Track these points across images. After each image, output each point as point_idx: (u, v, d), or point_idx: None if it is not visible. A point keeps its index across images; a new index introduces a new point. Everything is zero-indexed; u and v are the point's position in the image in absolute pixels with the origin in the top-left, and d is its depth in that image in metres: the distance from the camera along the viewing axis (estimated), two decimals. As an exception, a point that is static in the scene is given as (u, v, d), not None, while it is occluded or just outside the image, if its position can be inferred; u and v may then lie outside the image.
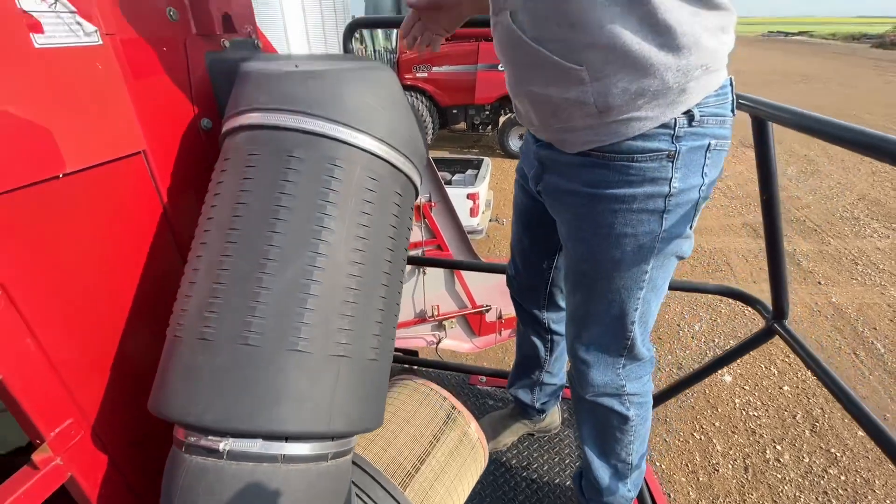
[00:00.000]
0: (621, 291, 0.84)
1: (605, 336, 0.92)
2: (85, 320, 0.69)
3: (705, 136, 0.72)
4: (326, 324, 0.61)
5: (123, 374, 0.76)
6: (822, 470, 2.63)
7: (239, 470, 0.57)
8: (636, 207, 0.75)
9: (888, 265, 4.56)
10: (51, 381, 0.65)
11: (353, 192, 0.65)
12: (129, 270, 0.76)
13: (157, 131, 0.77)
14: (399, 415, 1.02)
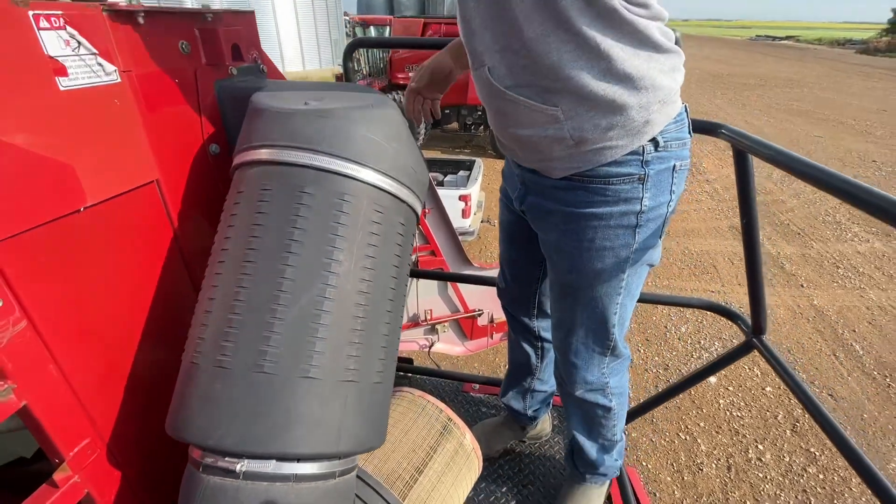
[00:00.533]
0: (603, 298, 0.93)
1: (591, 339, 1.01)
2: (101, 345, 0.72)
3: (670, 159, 0.82)
4: (336, 351, 0.65)
5: (136, 396, 0.79)
6: (802, 469, 2.73)
7: (254, 489, 0.61)
8: (613, 224, 0.84)
9: (867, 269, 4.70)
10: (70, 404, 0.68)
11: (361, 225, 0.69)
12: (142, 295, 0.79)
13: (168, 160, 0.80)
14: (398, 427, 1.06)
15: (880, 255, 4.93)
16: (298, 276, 0.64)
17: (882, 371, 3.42)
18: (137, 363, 0.78)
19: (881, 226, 5.51)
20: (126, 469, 0.79)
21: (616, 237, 0.85)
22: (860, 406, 3.14)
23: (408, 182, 0.77)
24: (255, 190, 0.69)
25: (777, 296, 4.34)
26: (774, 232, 5.45)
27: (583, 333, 1.01)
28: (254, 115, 0.75)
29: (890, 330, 3.83)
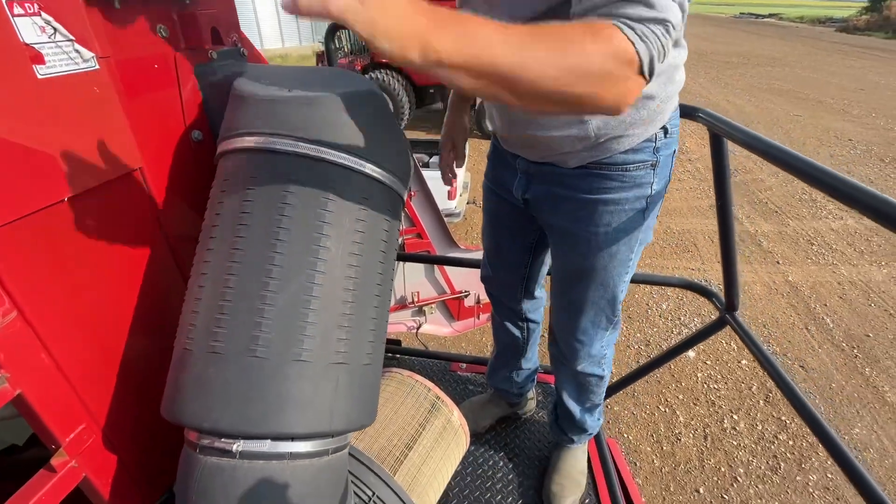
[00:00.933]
0: (614, 278, 1.00)
1: (600, 316, 1.08)
2: (92, 333, 0.73)
3: (673, 144, 0.90)
4: (326, 335, 0.67)
5: (129, 381, 0.80)
6: (773, 436, 2.87)
7: (251, 467, 0.64)
8: (627, 208, 0.90)
9: (840, 245, 4.86)
10: (64, 391, 0.69)
11: (348, 213, 0.70)
12: (130, 283, 0.80)
13: (151, 147, 0.80)
14: (388, 406, 1.10)
15: (852, 232, 5.10)
16: (287, 263, 0.66)
17: (850, 343, 3.58)
18: (128, 350, 0.79)
19: (854, 203, 5.67)
20: (122, 453, 0.81)
21: (630, 220, 0.91)
22: (829, 376, 3.30)
23: (393, 168, 0.78)
24: (242, 178, 0.69)
25: (754, 273, 4.48)
26: (753, 210, 5.58)
27: (593, 313, 1.06)
28: (237, 101, 0.75)
29: (859, 304, 4.00)
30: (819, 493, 2.52)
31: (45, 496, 0.68)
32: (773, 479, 2.60)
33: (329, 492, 0.71)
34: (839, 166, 6.89)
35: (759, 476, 2.62)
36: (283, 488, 0.65)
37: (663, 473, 2.68)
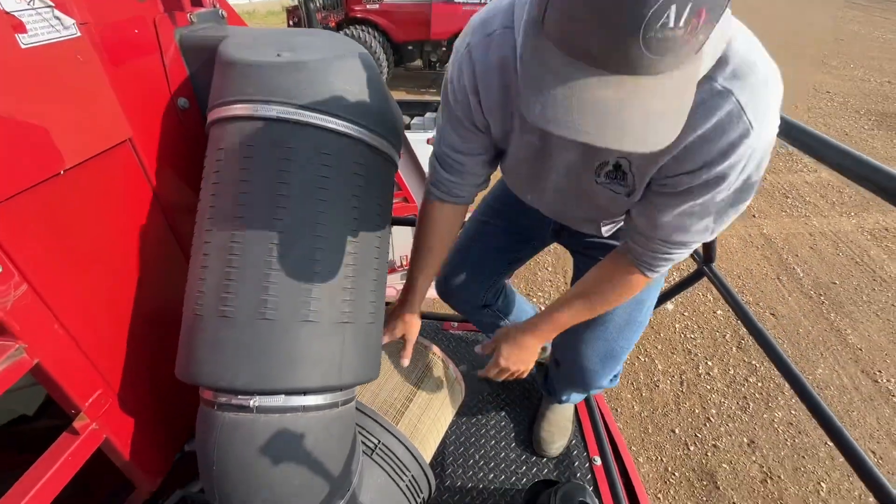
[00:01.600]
0: (649, 300, 1.11)
1: (635, 336, 1.13)
2: (100, 302, 0.75)
3: None
4: (331, 296, 0.71)
5: (139, 347, 0.83)
6: (744, 379, 3.08)
7: (268, 420, 0.69)
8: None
9: (813, 197, 5.02)
10: (78, 359, 0.72)
11: (345, 178, 0.72)
12: (131, 253, 0.81)
13: (139, 117, 0.79)
14: (387, 363, 1.15)
15: (825, 185, 5.25)
16: (289, 229, 0.68)
17: (818, 290, 3.78)
18: (136, 317, 0.82)
19: (829, 156, 5.81)
20: (139, 415, 0.85)
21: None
22: (797, 322, 3.51)
23: (385, 133, 0.79)
24: (237, 146, 0.70)
25: (731, 227, 4.61)
26: (732, 166, 5.67)
27: (629, 330, 1.11)
28: (224, 67, 0.74)
29: (827, 253, 4.20)
30: (783, 428, 2.74)
31: (71, 456, 0.72)
32: (742, 418, 2.81)
33: (339, 440, 0.77)
34: (816, 119, 7.00)
35: (730, 415, 2.83)
36: (299, 438, 0.70)
37: (642, 417, 2.87)
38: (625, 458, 1.45)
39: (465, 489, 1.33)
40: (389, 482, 0.94)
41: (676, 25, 0.42)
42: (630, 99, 0.47)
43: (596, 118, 0.47)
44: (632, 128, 0.48)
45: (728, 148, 0.64)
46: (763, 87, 0.62)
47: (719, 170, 0.66)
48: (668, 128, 0.50)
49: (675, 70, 0.47)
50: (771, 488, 2.41)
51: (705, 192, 0.69)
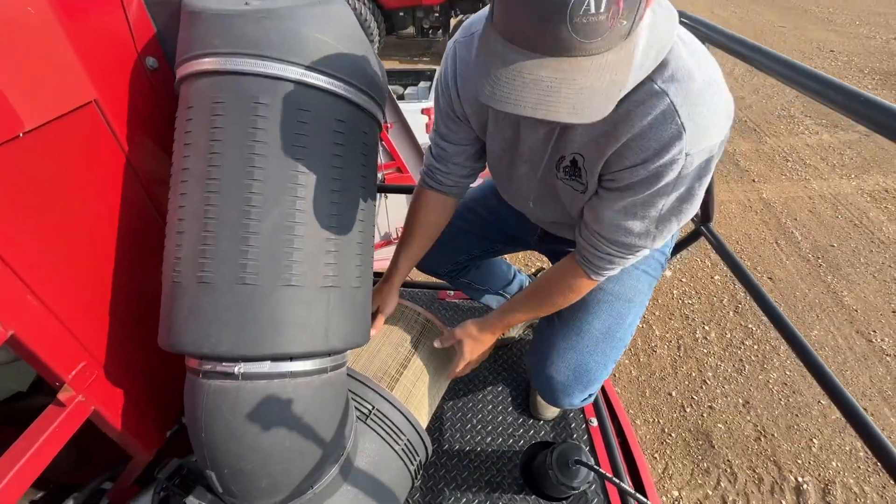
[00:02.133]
0: (629, 308, 1.08)
1: (610, 349, 1.09)
2: (76, 272, 0.73)
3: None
4: (314, 259, 0.68)
5: (122, 317, 0.81)
6: (740, 342, 3.10)
7: (254, 387, 0.67)
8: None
9: (814, 160, 4.95)
10: (58, 331, 0.70)
11: (323, 135, 0.68)
12: (104, 218, 0.78)
13: (104, 77, 0.74)
14: (380, 331, 1.14)
15: (827, 147, 5.17)
16: (266, 190, 0.65)
17: (815, 253, 3.77)
18: (117, 286, 0.80)
19: (830, 118, 5.70)
20: (128, 386, 0.84)
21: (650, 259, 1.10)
22: (794, 286, 3.51)
23: (366, 87, 0.75)
24: (206, 104, 0.66)
25: (730, 192, 4.57)
26: (733, 130, 5.58)
27: (604, 344, 1.07)
28: (190, 19, 0.69)
29: (826, 216, 4.17)
30: (778, 388, 2.78)
31: (58, 429, 0.72)
32: (738, 380, 2.85)
33: (330, 406, 0.76)
34: (819, 80, 6.83)
35: (726, 378, 2.87)
36: (287, 404, 0.69)
37: (640, 382, 2.91)
38: (621, 419, 1.46)
39: (462, 453, 1.35)
40: (384, 447, 0.94)
41: (598, 11, 0.48)
42: (565, 77, 0.53)
43: (535, 94, 0.54)
44: (566, 102, 0.54)
45: (661, 147, 0.70)
46: (698, 95, 0.68)
47: (654, 168, 0.72)
48: (600, 102, 0.56)
49: (607, 52, 0.54)
50: (764, 445, 2.46)
51: (643, 190, 0.75)
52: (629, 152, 0.74)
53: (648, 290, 1.11)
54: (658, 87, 0.68)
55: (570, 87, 0.54)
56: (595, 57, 0.53)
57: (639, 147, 0.72)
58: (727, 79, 3.22)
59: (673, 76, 0.68)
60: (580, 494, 1.21)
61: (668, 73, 0.68)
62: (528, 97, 0.54)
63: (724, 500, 2.23)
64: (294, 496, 0.75)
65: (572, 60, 0.53)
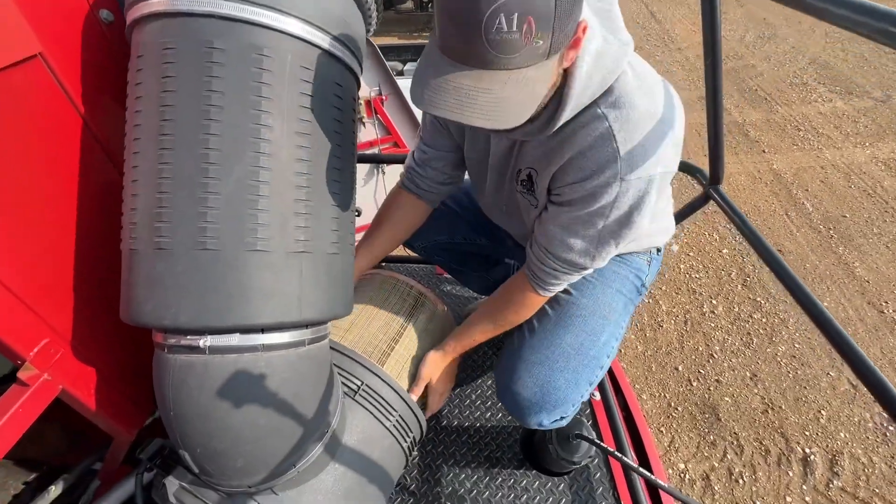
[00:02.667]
0: (604, 335, 1.06)
1: (585, 373, 1.03)
2: (31, 242, 0.67)
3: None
4: (282, 222, 0.62)
5: (85, 290, 0.76)
6: (748, 316, 3.04)
7: (223, 361, 0.63)
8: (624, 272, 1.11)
9: (827, 129, 4.79)
10: (14, 306, 0.65)
11: (288, 84, 0.62)
12: (62, 185, 0.72)
13: (50, 29, 0.67)
14: (371, 304, 1.09)
15: (840, 115, 4.99)
16: (225, 146, 0.58)
17: (827, 224, 3.67)
18: (79, 258, 0.74)
19: (845, 84, 5.49)
20: (99, 364, 0.80)
21: (626, 279, 1.11)
22: (804, 258, 3.43)
23: (337, 33, 0.67)
24: (157, 50, 0.59)
25: (740, 163, 4.44)
26: (742, 98, 5.39)
27: (575, 362, 1.02)
28: (137, -44, 0.62)
29: (839, 186, 4.04)
30: (786, 361, 2.73)
31: (22, 409, 0.68)
32: (746, 353, 2.80)
33: (310, 381, 0.72)
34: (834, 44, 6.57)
35: (734, 351, 2.82)
36: (260, 379, 0.64)
37: (646, 357, 2.87)
38: (626, 394, 1.42)
39: (461, 429, 1.31)
40: (374, 423, 0.90)
41: (510, 29, 0.54)
42: (483, 87, 0.60)
43: (457, 100, 0.60)
44: (481, 109, 0.60)
45: (597, 168, 0.75)
46: (637, 123, 0.72)
47: (591, 187, 0.77)
48: (515, 111, 0.62)
49: (526, 68, 0.59)
50: (772, 418, 2.42)
51: (582, 207, 0.80)
52: (571, 170, 0.79)
53: (624, 313, 1.09)
54: (600, 111, 0.74)
55: (486, 96, 0.60)
56: (513, 71, 0.59)
57: (578, 166, 0.78)
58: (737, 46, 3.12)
59: (615, 103, 0.73)
60: (582, 469, 1.17)
61: (611, 100, 0.73)
62: (449, 101, 0.60)
63: (731, 472, 2.21)
64: (275, 475, 0.72)
65: (492, 73, 0.59)
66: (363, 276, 1.19)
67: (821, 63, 6.03)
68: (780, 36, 6.99)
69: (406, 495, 1.16)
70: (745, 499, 2.12)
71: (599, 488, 1.13)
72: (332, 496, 0.80)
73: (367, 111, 2.79)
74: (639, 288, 1.12)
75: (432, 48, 0.63)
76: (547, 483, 1.16)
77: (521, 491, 1.15)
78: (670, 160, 0.78)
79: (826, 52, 6.37)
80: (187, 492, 0.76)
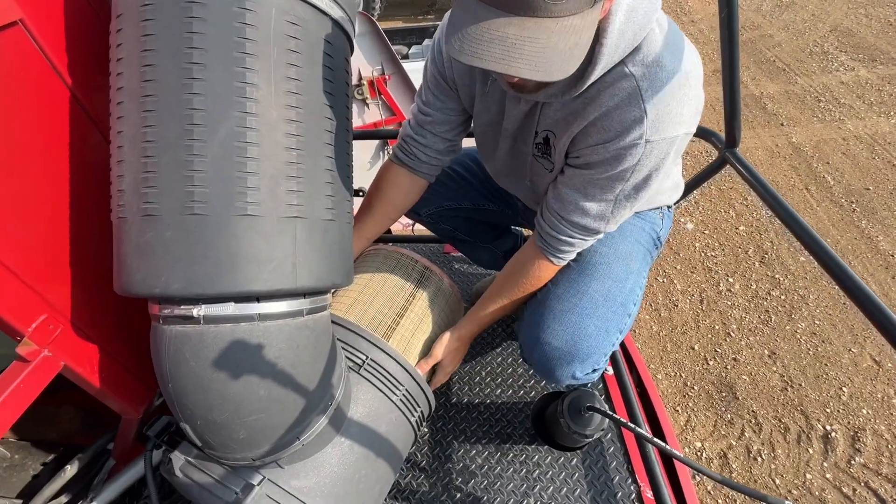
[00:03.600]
0: (629, 282, 1.03)
1: (615, 320, 1.02)
2: (24, 219, 0.66)
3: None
4: (272, 186, 0.60)
5: (82, 264, 0.75)
6: (766, 293, 2.96)
7: (219, 331, 0.61)
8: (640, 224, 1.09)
9: (849, 99, 4.60)
10: (9, 281, 0.64)
11: (274, 40, 0.59)
12: (52, 158, 0.70)
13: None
14: (375, 280, 1.07)
15: (863, 84, 4.79)
16: (210, 106, 0.56)
17: (849, 198, 3.54)
18: (73, 233, 0.73)
19: (869, 52, 5.26)
20: (101, 340, 0.79)
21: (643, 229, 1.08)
22: (825, 233, 3.32)
23: (325, -14, 0.64)
24: (135, 8, 0.57)
25: (757, 137, 4.30)
26: (759, 70, 5.21)
27: (604, 308, 1.01)
28: None
29: (862, 158, 3.88)
30: (806, 338, 2.66)
31: (24, 384, 0.67)
32: (764, 331, 2.73)
33: (309, 351, 0.70)
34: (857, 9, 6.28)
35: (751, 329, 2.75)
36: (257, 349, 0.63)
37: (661, 336, 2.82)
38: (639, 369, 1.38)
39: (472, 405, 1.29)
40: (381, 397, 0.88)
41: None
42: (529, 35, 0.56)
43: (500, 50, 0.56)
44: (528, 59, 0.57)
45: (623, 129, 0.72)
46: (665, 83, 0.69)
47: (615, 149, 0.74)
48: (561, 62, 0.58)
49: (572, 16, 0.56)
50: (791, 395, 2.37)
51: (603, 170, 0.78)
52: (594, 131, 0.76)
53: (644, 263, 1.05)
54: (628, 70, 0.70)
55: (533, 45, 0.56)
56: (560, 19, 0.56)
57: (603, 127, 0.75)
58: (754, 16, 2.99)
59: (643, 61, 0.70)
60: (595, 443, 1.15)
61: (639, 58, 0.70)
62: (493, 52, 0.56)
63: (749, 450, 2.17)
64: (279, 448, 0.70)
65: (538, 21, 0.55)
66: (367, 252, 1.17)
67: (843, 30, 5.78)
68: (798, 3, 6.70)
69: (417, 471, 1.15)
70: (764, 476, 2.08)
71: (613, 462, 1.11)
72: (339, 469, 0.79)
73: (371, 92, 2.74)
74: (655, 241, 1.09)
75: None
76: (560, 458, 1.14)
77: (532, 466, 1.14)
78: (692, 122, 0.75)
79: (848, 18, 6.09)
80: (193, 466, 0.76)
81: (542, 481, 1.11)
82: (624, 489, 1.06)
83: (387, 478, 0.90)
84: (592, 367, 0.98)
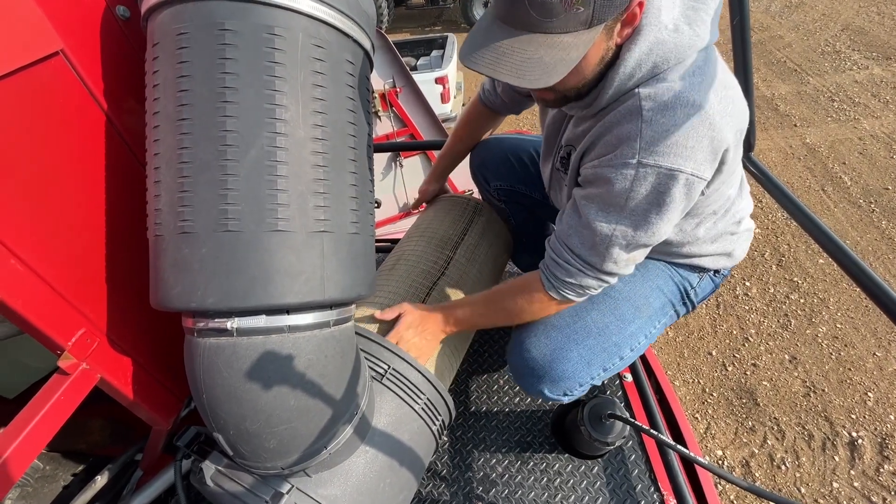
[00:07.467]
0: (633, 326, 1.02)
1: (603, 357, 1.02)
2: (64, 236, 0.70)
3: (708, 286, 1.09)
4: (302, 202, 0.62)
5: (118, 280, 0.79)
6: (785, 297, 2.92)
7: (251, 343, 0.63)
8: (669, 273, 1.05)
9: (863, 97, 4.54)
10: (49, 296, 0.67)
11: (301, 63, 0.61)
12: (89, 179, 0.74)
13: (70, 27, 0.69)
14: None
15: (878, 82, 4.73)
16: (241, 127, 0.59)
17: (867, 198, 3.48)
18: (109, 251, 0.76)
19: (883, 49, 5.20)
20: (135, 353, 0.82)
21: (668, 283, 1.05)
22: (844, 234, 3.26)
23: (348, 10, 0.67)
24: (171, 37, 0.60)
25: (769, 139, 4.26)
26: (770, 72, 5.17)
27: (592, 341, 1.02)
28: (150, -53, 0.63)
29: (879, 157, 3.83)
30: (828, 343, 2.61)
31: (64, 397, 0.70)
32: (784, 335, 2.69)
33: (336, 362, 0.72)
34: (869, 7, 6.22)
35: (770, 334, 2.71)
36: (288, 360, 0.65)
37: (677, 343, 2.79)
38: (658, 375, 1.38)
39: (490, 414, 1.30)
40: (403, 406, 0.89)
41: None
42: (520, 47, 0.64)
43: (493, 57, 0.65)
44: (512, 66, 0.64)
45: (617, 143, 0.73)
46: (671, 108, 0.68)
47: (609, 166, 0.74)
48: (541, 73, 0.64)
49: (564, 34, 0.63)
50: (814, 401, 2.32)
51: (596, 189, 0.77)
52: (595, 147, 0.79)
53: (661, 313, 1.02)
54: (637, 90, 0.72)
55: (519, 55, 0.64)
56: (550, 35, 0.62)
57: (602, 142, 0.77)
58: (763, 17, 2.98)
59: (652, 82, 0.71)
60: (616, 451, 1.14)
61: (652, 81, 0.72)
62: (486, 58, 0.66)
63: (772, 458, 2.12)
64: (307, 457, 0.72)
65: (530, 36, 0.63)
66: (438, 199, 1.39)
67: (854, 29, 5.72)
68: (808, 3, 6.65)
69: (437, 480, 1.16)
70: (789, 485, 2.04)
71: (635, 470, 1.10)
72: (365, 477, 0.80)
73: (383, 104, 2.80)
74: (683, 295, 1.04)
75: (488, 11, 0.69)
76: (580, 466, 1.14)
77: (553, 475, 1.13)
78: (703, 165, 0.69)
79: (860, 16, 6.03)
80: (223, 475, 0.77)
81: (564, 490, 1.10)
82: (647, 497, 1.05)
83: (410, 486, 0.91)
84: (564, 392, 0.99)
